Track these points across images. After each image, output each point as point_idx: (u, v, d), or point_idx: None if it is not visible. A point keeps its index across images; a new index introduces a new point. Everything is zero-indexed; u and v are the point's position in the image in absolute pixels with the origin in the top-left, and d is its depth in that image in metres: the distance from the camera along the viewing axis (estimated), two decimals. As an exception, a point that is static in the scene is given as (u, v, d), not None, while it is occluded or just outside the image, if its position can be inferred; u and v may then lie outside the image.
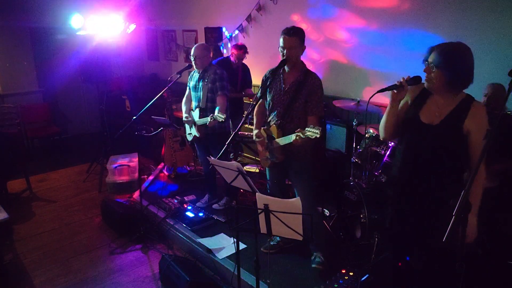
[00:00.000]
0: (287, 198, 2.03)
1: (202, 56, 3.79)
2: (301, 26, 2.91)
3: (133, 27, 5.94)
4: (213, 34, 6.13)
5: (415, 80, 2.10)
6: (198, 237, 3.66)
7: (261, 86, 3.12)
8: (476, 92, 2.96)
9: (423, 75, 2.14)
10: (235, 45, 4.76)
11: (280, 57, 2.87)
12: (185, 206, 4.20)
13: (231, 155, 5.11)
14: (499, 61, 3.29)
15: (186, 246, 3.72)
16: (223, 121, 3.45)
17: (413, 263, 2.47)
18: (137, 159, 4.92)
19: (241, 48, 4.70)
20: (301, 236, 2.04)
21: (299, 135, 2.58)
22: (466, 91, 2.13)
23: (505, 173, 2.85)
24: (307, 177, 3.05)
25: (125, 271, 3.45)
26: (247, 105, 5.17)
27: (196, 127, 3.86)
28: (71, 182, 5.45)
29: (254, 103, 2.81)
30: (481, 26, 3.37)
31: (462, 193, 1.55)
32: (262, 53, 5.38)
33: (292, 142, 2.69)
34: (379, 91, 2.21)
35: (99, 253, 3.74)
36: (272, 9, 5.13)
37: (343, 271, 2.78)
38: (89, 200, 4.87)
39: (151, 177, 5.28)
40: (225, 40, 5.97)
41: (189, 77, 4.06)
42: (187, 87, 4.09)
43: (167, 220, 4.02)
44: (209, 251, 3.42)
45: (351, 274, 2.74)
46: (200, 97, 3.85)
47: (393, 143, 3.32)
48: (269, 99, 3.05)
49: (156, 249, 3.76)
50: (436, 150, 2.14)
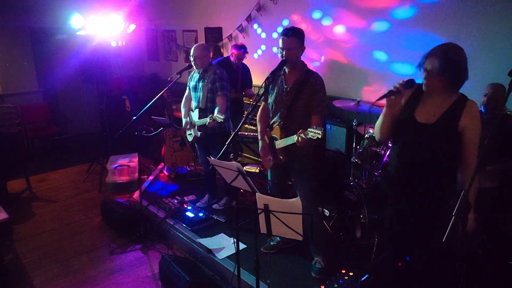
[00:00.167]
0: (287, 198, 2.03)
1: (202, 56, 3.79)
2: (301, 26, 2.91)
3: (133, 27, 5.94)
4: (213, 34, 6.13)
5: (410, 83, 2.14)
6: (198, 237, 3.66)
7: (264, 90, 3.12)
8: (476, 92, 2.99)
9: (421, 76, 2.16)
10: (235, 45, 4.76)
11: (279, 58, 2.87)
12: (185, 206, 4.20)
13: (231, 155, 5.11)
14: (499, 61, 3.29)
15: (186, 246, 3.73)
16: (222, 121, 3.46)
17: (413, 263, 2.47)
18: (137, 159, 4.91)
19: (241, 48, 4.70)
20: (301, 236, 2.04)
21: (301, 135, 2.58)
22: (467, 91, 2.14)
23: (505, 173, 2.85)
24: (307, 177, 3.05)
25: (125, 271, 3.45)
26: (247, 105, 5.16)
27: (196, 127, 3.86)
28: (71, 182, 5.45)
29: (254, 103, 2.80)
30: (481, 26, 3.37)
31: (462, 193, 1.55)
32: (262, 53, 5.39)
33: (294, 143, 2.68)
34: (378, 99, 2.25)
35: (99, 253, 3.74)
36: (272, 9, 5.13)
37: (343, 271, 2.78)
38: (89, 200, 4.87)
39: (151, 177, 5.28)
40: (225, 40, 5.97)
41: (189, 77, 4.06)
42: (187, 87, 4.09)
43: (167, 220, 4.02)
44: (209, 251, 3.42)
45: (351, 274, 2.74)
46: (200, 97, 3.85)
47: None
48: (271, 100, 3.05)
49: (156, 249, 3.77)
50: (434, 149, 2.15)
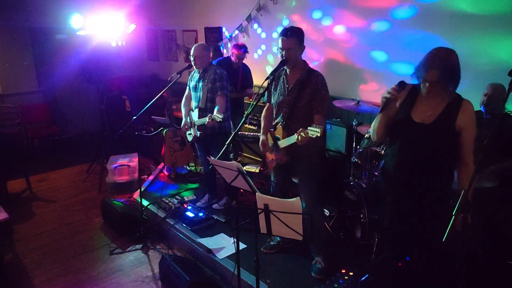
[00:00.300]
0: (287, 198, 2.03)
1: (202, 56, 3.79)
2: (301, 26, 2.90)
3: (133, 27, 5.94)
4: (213, 34, 6.13)
5: (402, 85, 2.16)
6: (198, 237, 3.66)
7: (265, 90, 3.13)
8: (476, 92, 2.99)
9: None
10: (235, 45, 4.76)
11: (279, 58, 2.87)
12: (185, 206, 4.20)
13: (231, 155, 5.11)
14: (499, 60, 3.29)
15: (186, 246, 3.72)
16: (221, 121, 3.45)
17: (413, 263, 2.48)
18: (137, 159, 4.92)
19: (241, 48, 4.70)
20: (301, 236, 2.04)
21: (301, 134, 2.57)
22: (467, 91, 2.15)
23: (505, 173, 2.85)
24: (309, 177, 3.03)
25: (125, 271, 3.45)
26: (247, 105, 5.16)
27: (196, 127, 3.86)
28: (71, 182, 5.45)
29: (254, 102, 2.80)
30: (481, 26, 3.37)
31: (462, 193, 1.55)
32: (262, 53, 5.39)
33: (296, 142, 2.66)
34: (380, 113, 2.28)
35: (99, 253, 3.74)
36: (272, 9, 5.13)
37: (343, 271, 2.78)
38: (89, 200, 4.87)
39: (151, 177, 5.28)
40: (225, 40, 5.97)
41: (189, 77, 4.06)
42: (187, 87, 4.09)
43: (167, 220, 4.02)
44: (209, 251, 3.42)
45: (351, 274, 2.74)
46: (200, 97, 3.85)
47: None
48: (274, 101, 3.05)
49: (156, 249, 3.77)
50: (432, 149, 2.16)
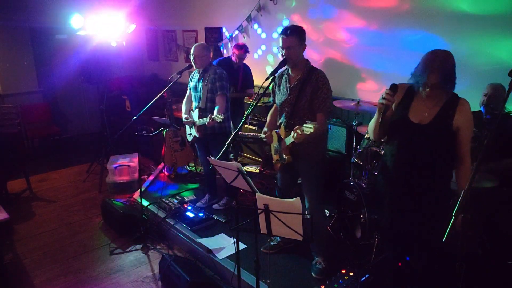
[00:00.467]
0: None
1: (201, 56, 3.79)
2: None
3: (133, 27, 5.94)
4: (213, 34, 6.13)
5: (394, 89, 2.15)
6: (198, 237, 3.66)
7: (272, 91, 3.13)
8: (476, 92, 2.99)
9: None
10: (236, 44, 4.76)
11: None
12: (185, 206, 4.20)
13: (231, 155, 5.11)
14: (499, 60, 3.29)
15: (186, 246, 3.72)
16: (221, 121, 3.46)
17: (413, 263, 2.48)
18: (137, 159, 4.91)
19: (241, 48, 4.70)
20: (301, 236, 2.04)
21: (297, 131, 2.56)
22: (467, 91, 2.15)
23: (505, 173, 2.85)
24: (308, 177, 3.03)
25: (125, 271, 3.45)
26: (247, 105, 5.16)
27: (196, 127, 3.87)
28: (71, 182, 5.45)
29: (254, 102, 2.80)
30: (481, 26, 3.36)
31: (462, 193, 1.55)
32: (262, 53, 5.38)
33: (294, 141, 2.65)
34: (380, 124, 2.26)
35: (99, 253, 3.74)
36: (272, 9, 5.12)
37: (343, 271, 2.78)
38: (89, 200, 4.87)
39: (151, 177, 5.29)
40: (225, 40, 5.97)
41: (190, 77, 4.06)
42: (188, 87, 4.09)
43: (167, 220, 4.02)
44: (209, 251, 3.42)
45: (351, 274, 2.74)
46: (200, 97, 3.85)
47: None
48: (277, 101, 3.05)
49: (156, 249, 3.77)
50: (431, 149, 2.16)
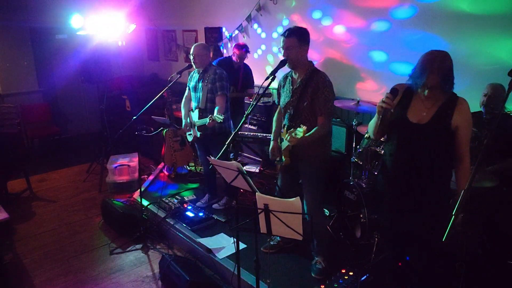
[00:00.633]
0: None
1: (201, 55, 3.78)
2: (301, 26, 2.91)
3: (133, 27, 5.95)
4: (213, 34, 6.13)
5: (395, 92, 2.18)
6: (198, 237, 3.66)
7: (277, 93, 3.14)
8: (476, 92, 2.99)
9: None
10: (236, 44, 4.76)
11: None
12: (185, 206, 4.20)
13: (231, 155, 5.11)
14: (499, 60, 3.29)
15: (186, 246, 3.73)
16: (221, 121, 3.45)
17: (413, 263, 2.48)
18: (137, 159, 4.91)
19: (242, 48, 4.70)
20: (301, 236, 2.04)
21: (291, 135, 2.58)
22: (467, 91, 2.15)
23: (505, 173, 2.85)
24: (308, 178, 3.02)
25: (125, 271, 3.45)
26: (247, 105, 5.17)
27: (196, 127, 3.86)
28: (71, 182, 5.45)
29: (254, 102, 2.80)
30: (481, 26, 3.37)
31: (462, 193, 1.55)
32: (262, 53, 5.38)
33: (289, 143, 2.66)
34: (380, 125, 2.27)
35: (99, 253, 3.74)
36: (272, 9, 5.12)
37: (343, 271, 2.78)
38: (89, 200, 4.87)
39: (151, 177, 5.28)
40: (225, 40, 5.97)
41: (189, 77, 4.06)
42: (187, 87, 4.09)
43: (167, 220, 4.02)
44: (209, 251, 3.42)
45: (351, 274, 2.74)
46: (200, 97, 3.85)
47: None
48: (281, 102, 3.05)
49: (156, 249, 3.77)
50: (430, 149, 2.16)
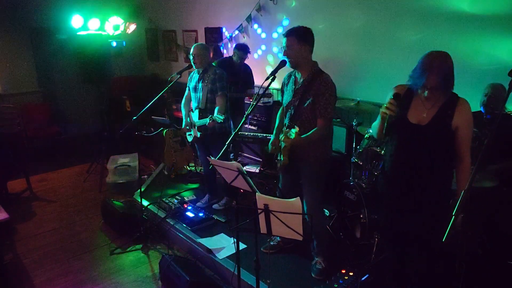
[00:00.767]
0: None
1: (201, 55, 3.78)
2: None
3: (133, 27, 5.95)
4: (213, 34, 6.13)
5: (398, 98, 2.15)
6: (198, 237, 3.66)
7: (280, 91, 3.14)
8: (476, 92, 2.99)
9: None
10: (237, 44, 4.77)
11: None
12: (185, 206, 4.20)
13: (231, 155, 5.11)
14: (499, 61, 3.29)
15: (186, 246, 3.73)
16: (222, 121, 3.46)
17: (413, 263, 2.48)
18: (137, 159, 4.92)
19: (243, 48, 4.70)
20: (301, 236, 2.04)
21: (286, 135, 2.57)
22: (467, 91, 2.15)
23: (505, 173, 2.85)
24: (308, 179, 3.02)
25: (125, 271, 3.45)
26: (247, 105, 5.17)
27: (196, 127, 3.87)
28: (71, 182, 5.45)
29: (254, 102, 2.80)
30: (481, 26, 3.37)
31: (462, 193, 1.55)
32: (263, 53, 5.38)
33: (285, 144, 2.66)
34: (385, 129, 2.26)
35: (99, 253, 3.74)
36: (272, 9, 5.12)
37: (343, 271, 2.78)
38: (89, 200, 4.87)
39: (151, 177, 5.28)
40: (225, 41, 5.97)
41: (189, 78, 4.06)
42: (187, 87, 4.09)
43: (167, 220, 4.02)
44: (209, 251, 3.42)
45: (351, 274, 2.74)
46: (200, 98, 3.85)
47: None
48: (284, 101, 3.05)
49: (156, 249, 3.77)
50: (430, 149, 2.16)
